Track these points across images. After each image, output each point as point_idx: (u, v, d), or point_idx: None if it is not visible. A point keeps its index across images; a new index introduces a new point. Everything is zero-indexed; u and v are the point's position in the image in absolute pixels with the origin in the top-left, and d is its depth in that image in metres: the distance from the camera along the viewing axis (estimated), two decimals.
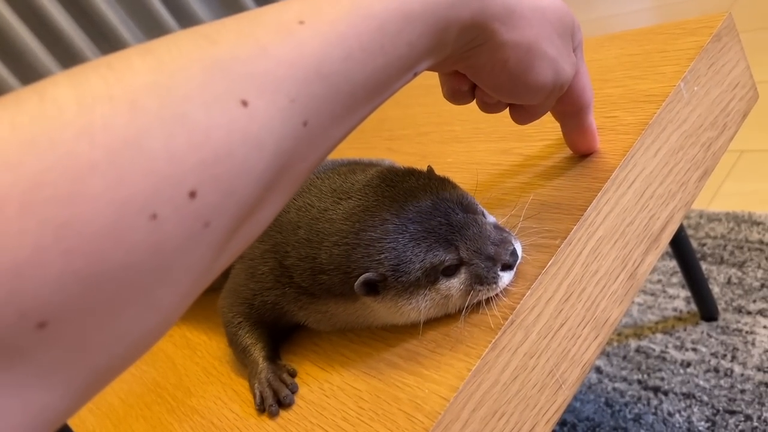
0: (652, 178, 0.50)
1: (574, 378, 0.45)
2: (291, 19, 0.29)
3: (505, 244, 0.43)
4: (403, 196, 0.44)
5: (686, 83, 0.53)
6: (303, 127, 0.28)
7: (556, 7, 0.42)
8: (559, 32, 0.41)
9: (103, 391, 0.67)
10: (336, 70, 0.30)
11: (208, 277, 0.27)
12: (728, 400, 0.83)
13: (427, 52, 0.35)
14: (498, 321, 0.41)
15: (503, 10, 0.37)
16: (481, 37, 0.37)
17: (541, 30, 0.40)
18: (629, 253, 0.48)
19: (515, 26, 0.38)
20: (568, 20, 0.43)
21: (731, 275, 1.00)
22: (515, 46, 0.39)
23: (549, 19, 0.41)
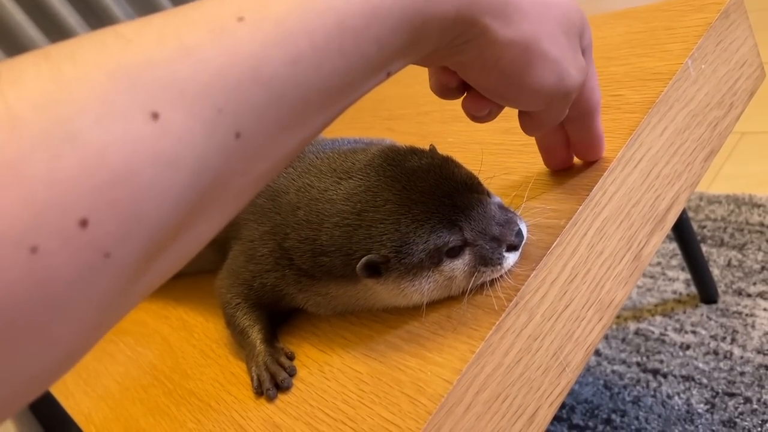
0: (658, 157, 0.49)
1: (578, 360, 0.44)
2: (229, 15, 0.26)
3: (510, 225, 0.42)
4: (406, 176, 0.43)
5: (693, 61, 0.52)
6: (235, 139, 0.25)
7: (562, 2, 0.38)
8: (564, 30, 0.37)
9: (99, 374, 0.66)
10: (279, 74, 0.26)
11: (126, 304, 0.25)
12: (727, 382, 0.83)
13: (402, 50, 0.31)
14: (502, 303, 0.40)
15: (495, 2, 0.33)
16: (470, 33, 0.33)
17: (542, 27, 0.36)
18: (634, 233, 0.47)
19: (510, 21, 0.34)
20: (576, 17, 0.38)
21: (731, 257, 0.99)
22: (510, 43, 0.35)
23: (552, 14, 0.36)
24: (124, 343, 0.69)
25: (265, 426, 0.44)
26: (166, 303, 0.70)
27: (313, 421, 0.42)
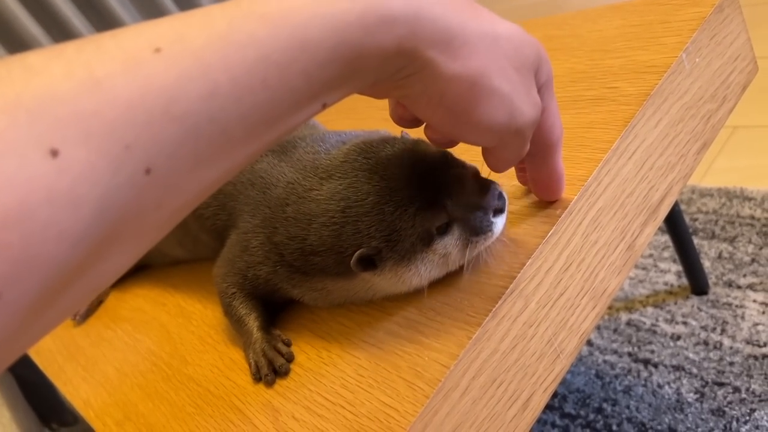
0: (652, 149, 0.50)
1: (571, 347, 0.45)
2: (145, 46, 0.25)
3: (490, 190, 0.42)
4: (382, 166, 0.43)
5: (688, 54, 0.53)
6: (145, 175, 0.24)
7: (514, 36, 0.36)
8: (516, 66, 0.35)
9: (97, 360, 0.67)
10: (195, 109, 0.25)
11: (26, 340, 0.24)
12: (717, 372, 0.84)
13: (336, 82, 0.30)
14: (498, 290, 0.41)
15: (441, 35, 0.32)
16: (413, 66, 0.32)
17: (491, 62, 0.34)
18: (628, 224, 0.48)
19: (456, 56, 0.33)
20: (531, 53, 0.36)
21: (722, 250, 1.01)
22: (456, 78, 0.33)
23: (503, 49, 0.35)
24: (122, 329, 0.70)
25: (264, 410, 0.45)
26: (164, 290, 0.71)
27: (312, 405, 0.43)
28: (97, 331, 0.73)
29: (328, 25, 0.28)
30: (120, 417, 0.56)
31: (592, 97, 0.54)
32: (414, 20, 0.31)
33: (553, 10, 1.78)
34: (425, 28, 0.31)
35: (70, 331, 0.76)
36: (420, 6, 0.31)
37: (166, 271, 0.74)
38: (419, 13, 0.31)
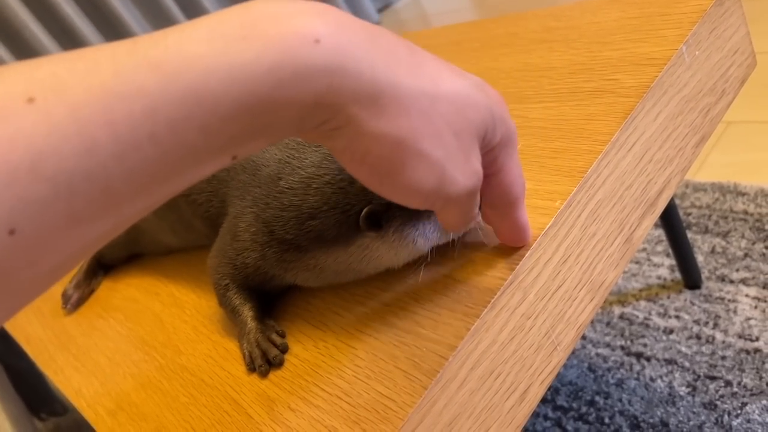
0: (651, 142, 0.50)
1: (569, 340, 0.45)
2: (18, 94, 0.22)
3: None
4: None
5: (688, 47, 0.53)
6: (9, 236, 0.22)
7: (459, 98, 0.32)
8: (456, 130, 0.32)
9: (88, 350, 0.66)
10: (67, 167, 0.23)
11: None
12: (709, 366, 0.85)
13: (245, 137, 0.28)
14: (497, 281, 0.41)
15: (367, 91, 0.29)
16: (336, 121, 0.29)
17: (423, 124, 0.31)
18: (626, 216, 0.48)
19: (383, 114, 0.30)
20: (476, 116, 0.33)
21: (715, 244, 1.01)
22: (380, 137, 0.30)
23: (442, 111, 0.32)
24: (114, 319, 0.69)
25: (259, 400, 0.45)
26: (157, 280, 0.70)
27: (308, 396, 0.42)
28: (89, 321, 0.72)
29: (232, 77, 0.26)
30: (112, 406, 0.56)
31: (592, 89, 0.54)
32: (336, 73, 0.28)
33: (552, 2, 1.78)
34: (348, 83, 0.28)
35: (60, 321, 0.75)
36: (346, 58, 0.28)
37: (159, 260, 0.73)
38: (343, 66, 0.28)
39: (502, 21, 0.75)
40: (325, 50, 0.27)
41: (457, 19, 0.87)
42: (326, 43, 0.27)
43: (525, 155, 0.51)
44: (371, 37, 0.30)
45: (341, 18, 0.29)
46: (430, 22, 2.74)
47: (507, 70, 0.64)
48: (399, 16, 3.00)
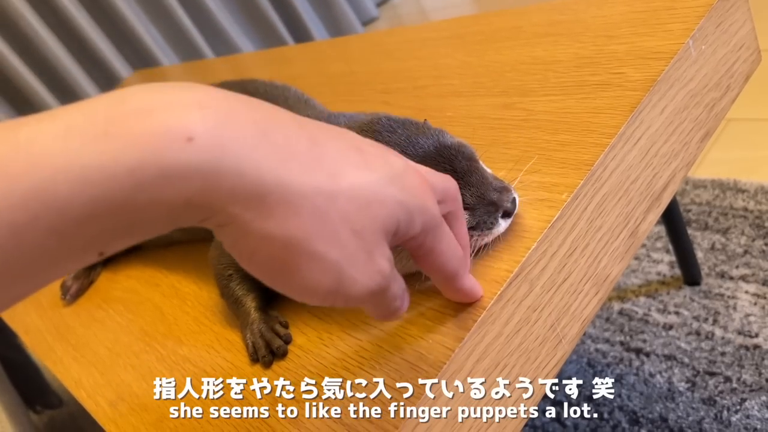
0: (657, 136, 0.50)
1: (573, 333, 0.45)
2: None
3: (507, 192, 0.43)
4: (405, 141, 0.43)
5: (694, 41, 0.52)
6: None
7: (362, 192, 0.30)
8: (356, 228, 0.30)
9: (88, 341, 0.66)
10: None
11: None
12: (708, 362, 0.85)
13: (107, 236, 0.26)
14: (504, 274, 0.41)
15: (249, 191, 0.27)
16: (216, 220, 0.27)
17: (317, 224, 0.28)
18: (632, 210, 0.48)
19: (270, 214, 0.27)
20: (382, 212, 0.30)
21: (715, 241, 1.01)
22: (267, 239, 0.28)
23: (340, 209, 0.29)
24: (114, 310, 0.69)
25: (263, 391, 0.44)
26: (158, 271, 0.70)
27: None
28: (88, 312, 0.72)
29: (84, 179, 0.24)
30: (113, 397, 0.55)
31: (598, 83, 0.53)
32: (211, 173, 0.25)
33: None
34: (226, 184, 0.26)
35: (59, 311, 0.75)
36: (224, 157, 0.26)
37: (159, 252, 0.73)
38: (220, 166, 0.26)
39: (506, 14, 0.75)
40: (198, 149, 0.25)
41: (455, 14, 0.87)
42: (201, 141, 0.25)
43: (530, 148, 0.51)
44: (262, 131, 0.27)
45: (228, 110, 0.27)
46: (429, 17, 2.74)
47: (512, 63, 0.64)
48: (398, 11, 2.99)
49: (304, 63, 1.10)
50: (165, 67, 2.14)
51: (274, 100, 0.59)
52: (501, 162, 0.51)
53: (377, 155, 0.32)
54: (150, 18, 2.26)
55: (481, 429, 0.40)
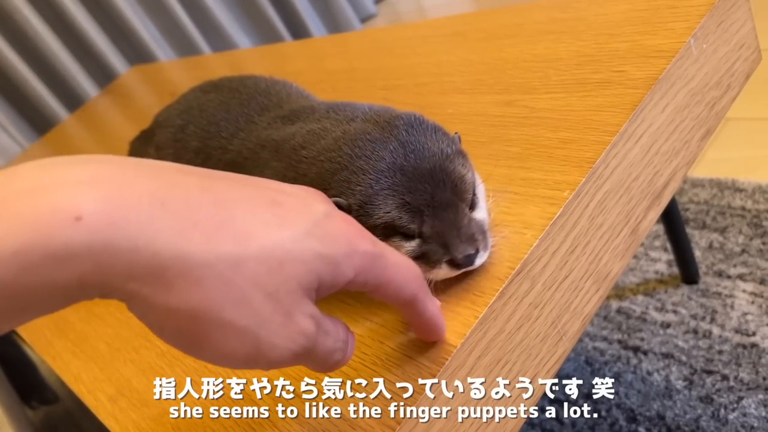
0: (659, 134, 0.50)
1: (574, 330, 0.45)
2: None
3: (469, 244, 0.40)
4: (410, 147, 0.42)
5: (696, 40, 0.52)
6: None
7: (273, 253, 0.28)
8: (269, 291, 0.28)
9: (87, 336, 0.66)
10: None
11: None
12: (706, 360, 0.85)
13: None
14: (505, 270, 0.41)
15: (145, 267, 0.26)
16: (116, 295, 0.27)
17: (222, 292, 0.27)
18: (633, 208, 0.48)
19: (170, 288, 0.26)
20: (301, 269, 0.29)
21: (713, 240, 1.01)
22: (171, 313, 0.27)
23: (248, 274, 0.28)
24: (113, 305, 0.69)
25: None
26: None
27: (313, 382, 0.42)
28: (87, 307, 0.72)
29: None
30: (113, 392, 0.55)
31: (599, 81, 0.53)
32: (102, 253, 0.25)
33: None
34: (120, 261, 0.25)
35: None
36: (116, 234, 0.25)
37: None
38: (112, 244, 0.25)
39: (507, 12, 0.75)
40: (87, 229, 0.24)
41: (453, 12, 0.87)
42: (90, 220, 0.24)
43: (532, 145, 0.51)
44: (159, 202, 0.26)
45: (123, 183, 0.26)
46: (428, 14, 2.74)
47: (513, 61, 0.64)
48: (396, 8, 2.99)
49: (302, 60, 1.10)
50: (162, 63, 2.13)
51: (275, 96, 0.59)
52: (503, 159, 0.51)
53: (296, 206, 0.31)
54: (147, 13, 2.26)
55: (480, 428, 0.40)
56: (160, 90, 1.50)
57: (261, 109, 0.57)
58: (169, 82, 1.54)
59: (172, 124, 0.62)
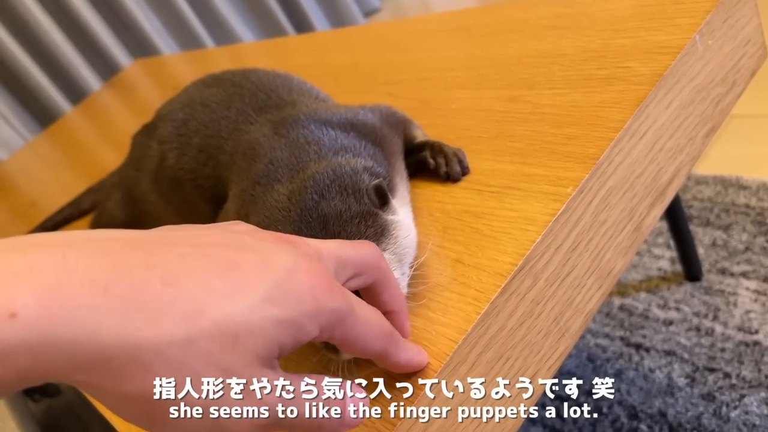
0: (663, 130, 0.50)
1: (576, 327, 0.45)
2: None
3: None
4: (305, 211, 0.43)
5: (701, 36, 0.52)
6: None
7: (227, 327, 0.27)
8: (225, 367, 0.27)
9: None
10: None
11: None
12: (708, 357, 0.85)
13: None
14: (507, 266, 0.40)
15: (90, 359, 0.25)
16: (69, 383, 0.26)
17: (177, 372, 0.26)
18: (636, 204, 0.48)
19: (118, 376, 0.25)
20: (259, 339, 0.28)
21: (716, 237, 1.01)
22: (123, 398, 0.26)
23: (201, 352, 0.27)
24: None
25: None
26: None
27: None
28: None
29: None
30: None
31: (604, 77, 0.53)
32: (40, 349, 0.24)
33: None
34: (60, 355, 0.24)
35: None
36: (54, 328, 0.24)
37: None
38: (49, 339, 0.24)
39: (512, 7, 0.75)
40: (22, 325, 0.23)
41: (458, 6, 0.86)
42: (26, 315, 0.23)
43: (536, 141, 0.50)
44: (102, 288, 0.25)
45: (62, 271, 0.25)
46: (432, 8, 2.73)
47: (517, 56, 0.64)
48: (400, 3, 2.98)
49: (306, 54, 1.10)
50: (165, 56, 2.13)
51: (276, 90, 0.58)
52: (506, 155, 0.51)
53: (256, 265, 0.29)
54: (150, 6, 2.25)
55: (480, 428, 0.39)
56: (163, 83, 1.50)
57: (259, 108, 0.56)
58: (172, 75, 1.53)
59: (175, 118, 0.62)
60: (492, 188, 0.48)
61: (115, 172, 0.84)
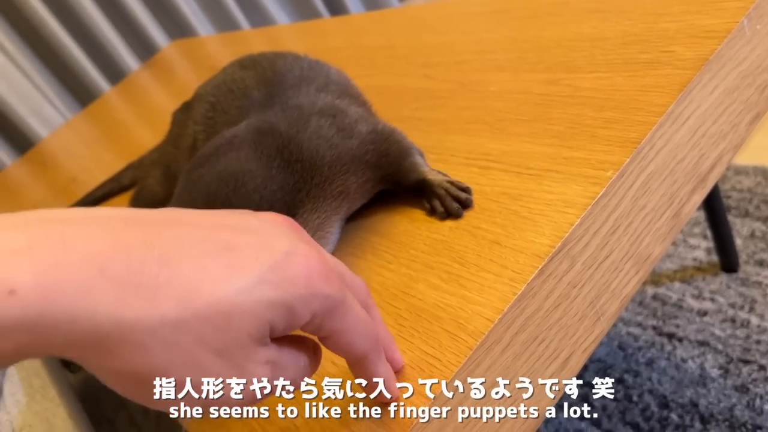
0: (706, 116, 0.49)
1: (612, 311, 0.45)
2: None
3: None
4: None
5: (749, 20, 0.51)
6: None
7: (219, 308, 0.27)
8: (217, 347, 0.28)
9: None
10: None
11: None
12: (743, 349, 0.84)
13: None
14: (545, 248, 0.41)
15: (85, 337, 0.25)
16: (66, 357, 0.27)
17: (167, 355, 0.27)
18: (677, 190, 0.48)
19: (112, 355, 0.26)
20: (251, 320, 0.28)
21: (755, 229, 0.99)
22: (116, 374, 0.27)
23: (194, 334, 0.27)
24: None
25: None
26: None
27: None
28: None
29: None
30: None
31: (647, 61, 0.52)
32: (37, 326, 0.24)
33: None
34: (57, 333, 0.25)
35: None
36: (51, 306, 0.24)
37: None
38: (47, 316, 0.24)
39: None
40: (20, 302, 0.24)
41: None
42: (24, 293, 0.24)
43: (576, 124, 0.50)
44: (99, 268, 0.26)
45: (61, 250, 0.25)
46: None
47: (557, 39, 0.63)
48: None
49: (341, 36, 1.10)
50: (202, 38, 2.14)
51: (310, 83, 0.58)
52: (545, 138, 0.50)
53: (253, 246, 0.30)
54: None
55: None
56: (200, 64, 1.51)
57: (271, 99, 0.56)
58: (208, 56, 1.55)
59: (206, 99, 0.63)
60: (530, 171, 0.48)
61: (155, 148, 0.86)
